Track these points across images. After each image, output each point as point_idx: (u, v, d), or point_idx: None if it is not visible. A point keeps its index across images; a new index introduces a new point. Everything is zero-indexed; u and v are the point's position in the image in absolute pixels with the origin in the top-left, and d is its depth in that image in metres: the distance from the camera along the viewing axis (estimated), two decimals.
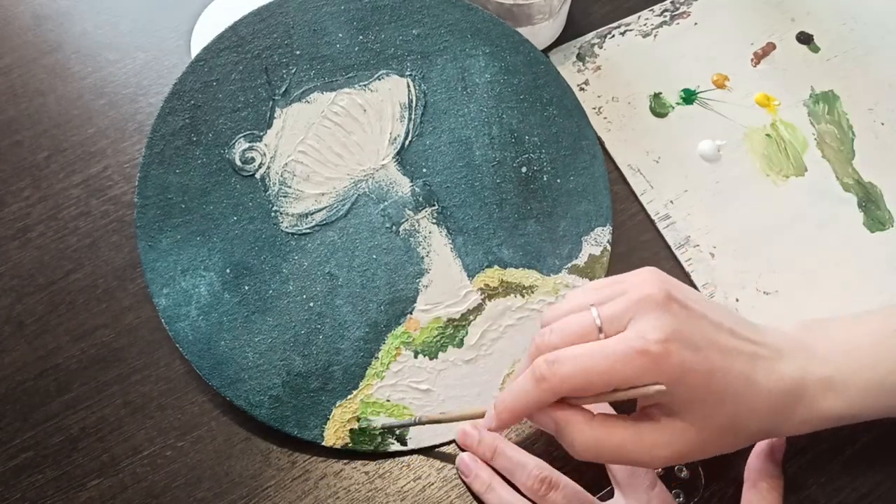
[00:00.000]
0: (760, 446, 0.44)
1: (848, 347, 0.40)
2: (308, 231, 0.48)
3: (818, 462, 0.46)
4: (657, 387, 0.35)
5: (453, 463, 0.46)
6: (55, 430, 0.47)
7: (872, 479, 0.45)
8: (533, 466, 0.43)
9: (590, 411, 0.38)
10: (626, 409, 0.40)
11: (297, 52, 0.50)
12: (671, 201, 0.52)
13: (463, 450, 0.45)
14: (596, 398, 0.37)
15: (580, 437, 0.37)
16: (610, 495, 0.44)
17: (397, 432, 0.46)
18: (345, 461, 0.46)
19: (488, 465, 0.44)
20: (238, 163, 0.48)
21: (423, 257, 0.48)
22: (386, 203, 0.49)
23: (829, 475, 0.45)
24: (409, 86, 0.51)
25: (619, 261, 0.51)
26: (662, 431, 0.37)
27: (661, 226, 0.52)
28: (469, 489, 0.45)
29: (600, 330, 0.37)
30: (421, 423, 0.45)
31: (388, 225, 0.49)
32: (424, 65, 0.51)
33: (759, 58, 0.56)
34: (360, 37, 0.50)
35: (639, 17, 0.58)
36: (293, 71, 0.49)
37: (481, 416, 0.42)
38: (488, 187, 0.50)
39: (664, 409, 0.37)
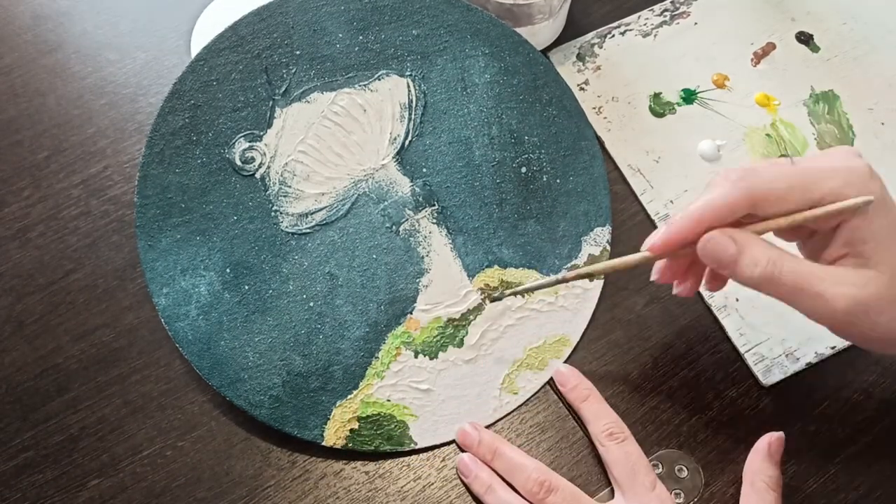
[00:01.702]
0: (759, 445, 0.44)
1: None
2: (308, 231, 0.48)
3: (818, 462, 0.46)
4: (866, 197, 0.33)
5: (453, 463, 0.46)
6: (55, 429, 0.47)
7: (872, 479, 0.45)
8: (532, 469, 0.43)
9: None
10: None
11: (297, 52, 0.50)
12: (671, 201, 0.52)
13: (463, 450, 0.46)
14: (782, 220, 0.34)
15: (764, 254, 0.34)
16: (610, 496, 0.44)
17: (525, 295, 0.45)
18: (345, 461, 0.46)
19: (488, 466, 0.44)
20: (238, 162, 0.48)
21: (423, 257, 0.48)
22: (386, 203, 0.49)
23: (829, 475, 0.45)
24: (409, 86, 0.51)
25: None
26: (850, 274, 0.34)
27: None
28: (469, 490, 0.45)
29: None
30: (566, 280, 0.42)
31: (388, 225, 0.49)
32: (424, 65, 0.51)
33: (759, 57, 0.56)
34: (360, 37, 0.50)
35: (639, 17, 0.58)
36: (293, 71, 0.49)
37: (640, 261, 0.39)
38: (488, 187, 0.50)
39: (854, 260, 0.35)
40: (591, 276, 0.42)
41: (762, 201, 0.34)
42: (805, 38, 0.57)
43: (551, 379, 0.47)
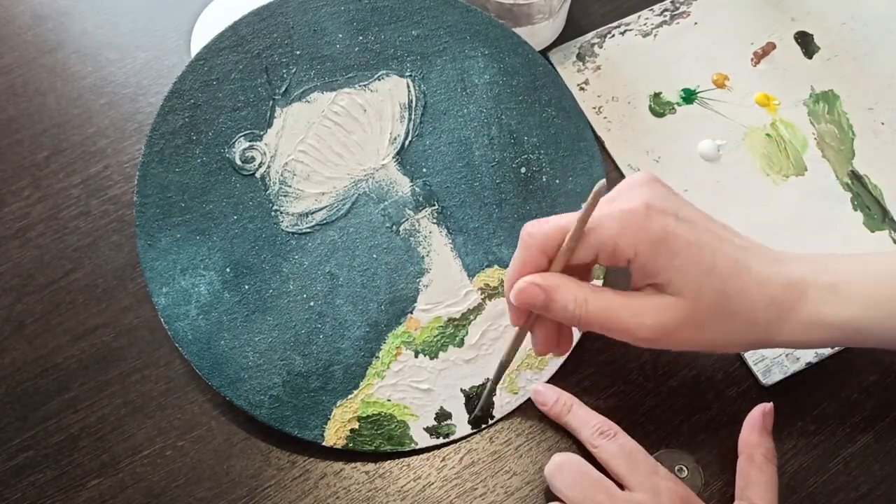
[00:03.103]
0: (752, 417, 0.44)
1: (859, 264, 0.40)
2: (308, 230, 0.48)
3: (818, 462, 0.46)
4: (597, 186, 0.35)
5: (453, 463, 0.46)
6: (55, 429, 0.47)
7: (872, 479, 0.45)
8: (598, 422, 0.44)
9: (577, 279, 0.39)
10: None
11: (298, 52, 0.50)
12: None
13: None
14: (564, 252, 0.38)
15: (571, 296, 0.37)
16: None
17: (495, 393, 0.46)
18: (345, 461, 0.46)
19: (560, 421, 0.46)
20: (238, 162, 0.48)
21: (423, 257, 0.48)
22: (386, 203, 0.49)
23: (829, 475, 0.45)
24: (408, 86, 0.51)
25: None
26: (653, 302, 0.37)
27: None
28: (547, 415, 0.46)
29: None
30: (494, 384, 0.45)
31: (388, 224, 0.49)
32: (424, 65, 0.51)
33: (759, 57, 0.57)
34: (360, 37, 0.50)
35: (639, 17, 0.58)
36: (293, 70, 0.49)
37: (521, 334, 0.42)
38: (488, 187, 0.50)
39: (656, 287, 0.37)
40: (506, 365, 0.44)
41: (550, 252, 0.38)
42: (805, 38, 0.57)
43: (529, 400, 0.47)
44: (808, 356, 0.47)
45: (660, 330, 0.37)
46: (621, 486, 0.42)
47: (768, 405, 0.44)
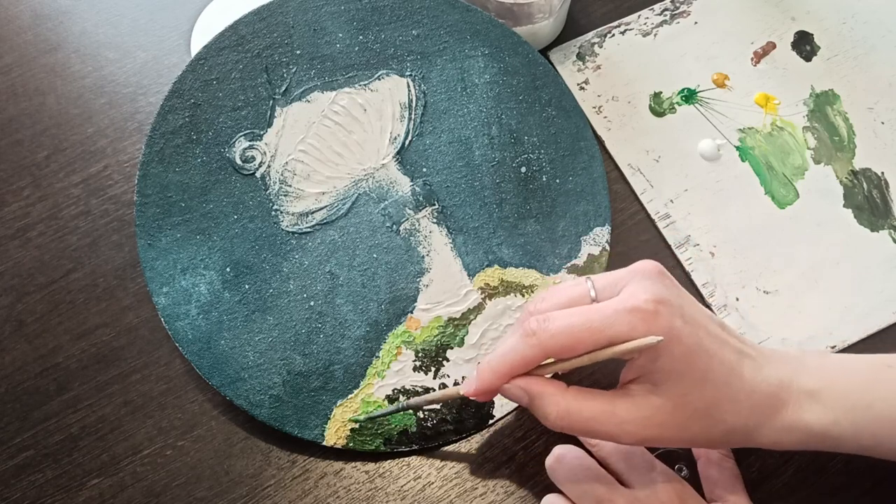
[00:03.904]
0: None
1: (839, 368, 0.40)
2: (308, 230, 0.48)
3: (818, 462, 0.46)
4: (654, 338, 0.35)
5: (453, 462, 0.46)
6: (55, 429, 0.47)
7: (872, 478, 0.45)
8: None
9: (563, 383, 0.38)
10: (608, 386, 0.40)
11: (298, 52, 0.50)
12: (671, 200, 0.52)
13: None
14: (582, 358, 0.37)
15: (553, 407, 0.37)
16: None
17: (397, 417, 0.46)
18: (345, 460, 0.46)
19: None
20: (238, 161, 0.48)
21: (423, 256, 0.48)
22: (386, 202, 0.49)
23: (828, 475, 0.45)
24: (409, 86, 0.51)
25: (619, 260, 0.51)
26: (637, 406, 0.37)
27: (661, 225, 0.52)
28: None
29: (594, 300, 0.38)
30: (407, 408, 0.44)
31: (388, 224, 0.49)
32: (424, 65, 0.51)
33: (759, 57, 0.57)
34: (360, 37, 0.50)
35: (639, 17, 0.58)
36: (293, 70, 0.49)
37: (458, 394, 0.42)
38: (488, 187, 0.50)
39: (643, 386, 0.37)
40: (418, 407, 0.45)
41: (555, 353, 0.37)
42: (805, 38, 0.57)
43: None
44: None
45: (643, 437, 0.37)
46: (621, 483, 0.42)
47: None
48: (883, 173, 0.53)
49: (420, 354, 0.47)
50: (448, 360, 0.47)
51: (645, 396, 0.37)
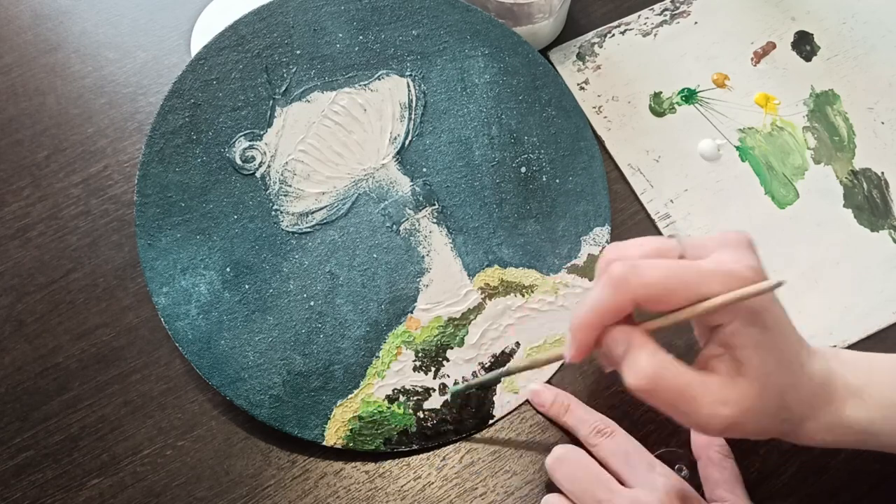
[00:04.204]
0: None
1: (880, 366, 0.39)
2: (308, 230, 0.48)
3: (818, 462, 0.46)
4: (775, 280, 0.32)
5: (453, 462, 0.46)
6: (55, 429, 0.47)
7: (872, 479, 0.45)
8: (595, 421, 0.44)
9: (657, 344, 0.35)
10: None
11: (298, 52, 0.50)
12: (671, 200, 0.52)
13: (537, 412, 0.47)
14: (678, 313, 0.34)
15: (645, 363, 0.34)
16: None
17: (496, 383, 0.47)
18: (345, 460, 0.46)
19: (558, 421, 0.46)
20: (238, 161, 0.48)
21: (423, 256, 0.48)
22: (386, 202, 0.49)
23: (829, 475, 0.45)
24: (409, 86, 0.51)
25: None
26: (729, 387, 0.34)
27: (661, 225, 0.52)
28: (546, 417, 0.47)
29: (681, 257, 0.35)
30: (509, 373, 0.44)
31: (388, 224, 0.49)
32: (424, 65, 0.51)
33: (759, 57, 0.57)
34: (360, 37, 0.50)
35: (639, 17, 0.58)
36: (293, 70, 0.49)
37: (561, 357, 0.39)
38: (488, 187, 0.50)
39: (727, 365, 0.35)
40: (530, 368, 0.43)
41: (644, 302, 0.34)
42: (805, 38, 0.57)
43: (527, 401, 0.47)
44: None
45: (731, 422, 0.34)
46: (621, 483, 0.42)
47: None
48: (883, 173, 0.53)
49: (420, 354, 0.47)
50: (448, 360, 0.47)
51: (732, 377, 0.35)
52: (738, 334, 0.35)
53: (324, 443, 0.45)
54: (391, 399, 0.46)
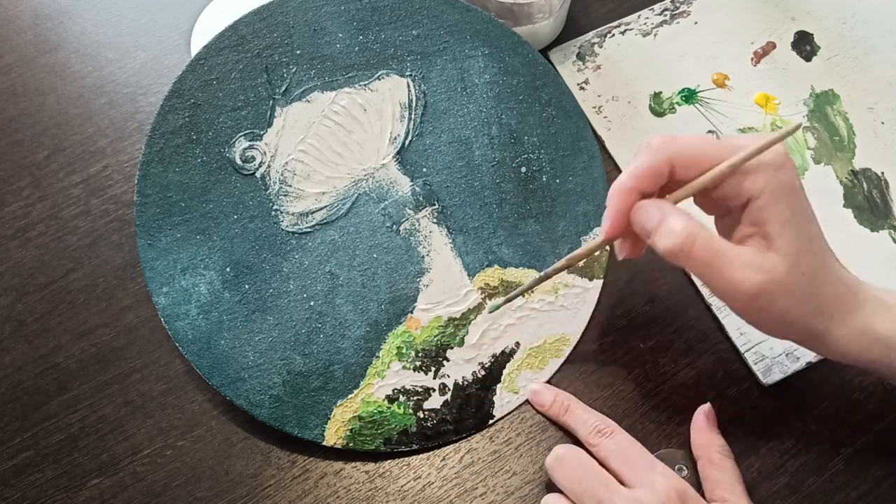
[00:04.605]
0: (697, 420, 0.45)
1: None
2: (308, 230, 0.48)
3: (818, 462, 0.46)
4: (795, 123, 0.35)
5: (453, 462, 0.46)
6: (55, 429, 0.47)
7: (872, 478, 0.45)
8: (595, 421, 0.44)
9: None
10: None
11: (298, 52, 0.50)
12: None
13: (537, 411, 0.47)
14: (712, 172, 0.37)
15: (680, 225, 0.36)
16: None
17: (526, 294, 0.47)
18: (345, 460, 0.46)
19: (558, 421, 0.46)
20: (238, 161, 0.48)
21: (423, 256, 0.48)
22: (386, 202, 0.49)
23: (829, 475, 0.45)
24: (409, 86, 0.51)
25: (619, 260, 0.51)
26: (760, 256, 0.36)
27: None
28: (546, 417, 0.47)
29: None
30: (547, 276, 0.44)
31: (388, 224, 0.49)
32: (424, 65, 0.51)
33: (759, 57, 0.57)
34: (360, 37, 0.50)
35: (639, 17, 0.58)
36: (293, 70, 0.49)
37: (603, 244, 0.41)
38: (488, 187, 0.50)
39: (759, 240, 0.37)
40: (567, 266, 0.43)
41: (680, 165, 0.37)
42: (805, 38, 0.57)
43: (527, 401, 0.47)
44: (809, 356, 0.47)
45: (761, 288, 0.36)
46: (621, 483, 0.42)
47: (707, 405, 0.45)
48: (883, 173, 0.53)
49: (420, 354, 0.47)
50: (448, 360, 0.47)
51: (763, 252, 0.37)
52: (768, 209, 0.36)
53: (324, 443, 0.45)
54: (391, 399, 0.46)
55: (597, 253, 0.50)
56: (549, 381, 0.48)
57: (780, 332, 0.39)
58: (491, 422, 0.47)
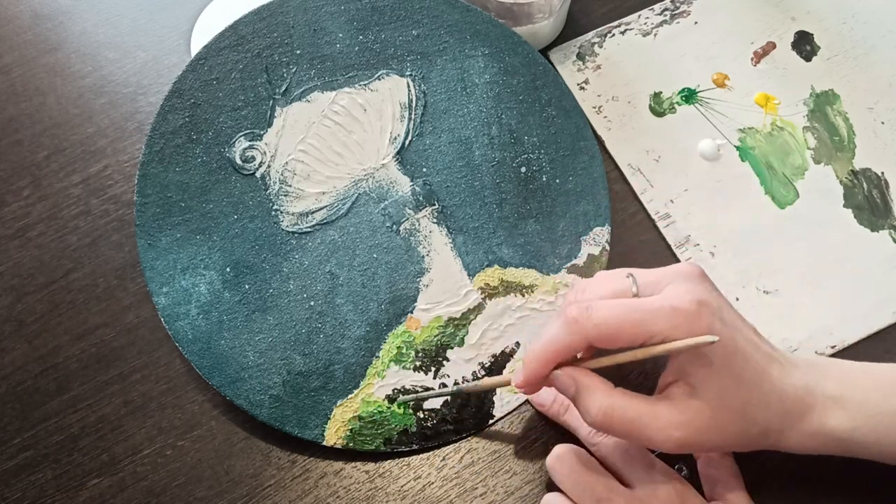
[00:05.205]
0: None
1: (862, 375, 0.41)
2: (308, 230, 0.48)
3: (818, 462, 0.45)
4: (710, 337, 0.36)
5: (453, 462, 0.46)
6: (55, 429, 0.47)
7: (872, 478, 0.45)
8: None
9: (610, 382, 0.38)
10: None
11: (298, 52, 0.50)
12: (671, 200, 0.52)
13: (537, 411, 0.47)
14: (635, 352, 0.37)
15: (598, 401, 0.37)
16: None
17: (428, 402, 0.46)
18: (345, 460, 0.46)
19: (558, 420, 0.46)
20: (238, 161, 0.48)
21: (423, 256, 0.48)
22: (386, 202, 0.49)
23: (828, 475, 0.45)
24: (409, 86, 0.51)
25: (619, 260, 0.51)
26: (678, 409, 0.37)
27: (661, 225, 0.52)
28: (546, 416, 0.46)
29: (635, 295, 0.38)
30: (458, 393, 0.45)
31: (388, 224, 0.49)
32: (424, 65, 0.51)
33: (759, 57, 0.57)
34: (360, 37, 0.50)
35: (639, 16, 0.58)
36: (293, 70, 0.49)
37: (509, 382, 0.42)
38: (488, 187, 0.50)
39: (682, 389, 0.38)
40: (468, 395, 0.46)
41: (597, 341, 0.37)
42: (805, 38, 0.57)
43: (527, 401, 0.47)
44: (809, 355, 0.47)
45: (684, 441, 0.37)
46: (621, 482, 0.42)
47: None
48: (883, 173, 0.53)
49: (420, 354, 0.47)
50: (448, 360, 0.47)
51: (685, 400, 0.38)
52: (688, 365, 0.38)
53: (324, 443, 0.45)
54: (391, 399, 0.46)
55: (597, 258, 0.50)
56: None
57: (729, 450, 0.41)
58: (491, 422, 0.47)
